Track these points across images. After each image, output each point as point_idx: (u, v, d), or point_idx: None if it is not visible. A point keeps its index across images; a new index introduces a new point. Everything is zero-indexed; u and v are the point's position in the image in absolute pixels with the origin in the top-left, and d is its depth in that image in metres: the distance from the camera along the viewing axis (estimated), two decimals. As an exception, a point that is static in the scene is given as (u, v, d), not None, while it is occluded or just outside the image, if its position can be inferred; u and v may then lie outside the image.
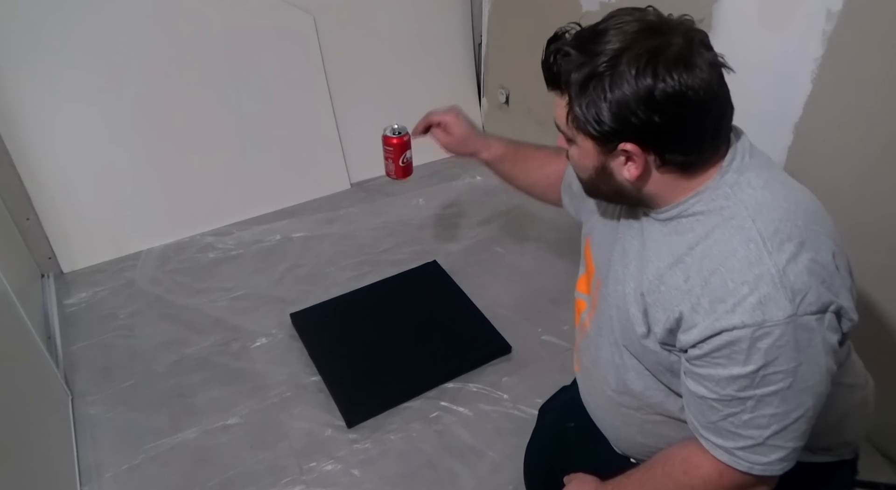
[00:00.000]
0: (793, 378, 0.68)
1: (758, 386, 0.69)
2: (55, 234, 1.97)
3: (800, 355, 0.68)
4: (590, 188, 0.83)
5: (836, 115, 1.25)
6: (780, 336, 0.67)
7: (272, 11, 2.02)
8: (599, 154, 0.75)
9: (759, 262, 0.68)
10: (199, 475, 1.42)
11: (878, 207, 1.23)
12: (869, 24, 1.14)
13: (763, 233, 0.69)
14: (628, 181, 0.75)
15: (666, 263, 0.76)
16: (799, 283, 0.67)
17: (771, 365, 0.68)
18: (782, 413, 0.70)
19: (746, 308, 0.67)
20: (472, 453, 1.46)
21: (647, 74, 0.67)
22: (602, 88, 0.69)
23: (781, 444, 0.72)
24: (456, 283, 1.89)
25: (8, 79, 1.75)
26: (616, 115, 0.69)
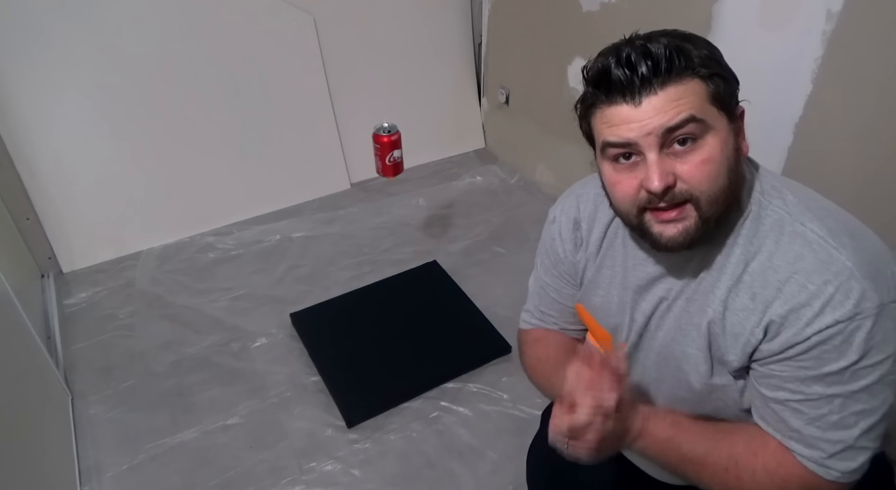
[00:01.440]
0: (882, 371, 0.66)
1: (847, 381, 0.66)
2: (55, 234, 1.97)
3: (887, 346, 0.66)
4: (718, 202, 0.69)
5: (836, 115, 1.25)
6: (871, 327, 0.64)
7: (272, 11, 2.02)
8: (732, 129, 0.70)
9: (831, 260, 0.66)
10: (199, 475, 1.42)
11: (878, 207, 1.23)
12: (869, 24, 1.14)
13: (819, 232, 0.68)
14: (743, 157, 0.72)
15: (725, 287, 0.72)
16: (874, 271, 0.66)
17: (863, 358, 0.65)
18: (870, 409, 0.68)
19: (836, 305, 0.65)
20: (472, 453, 1.46)
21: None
22: (709, 50, 0.69)
23: (867, 444, 0.69)
24: (456, 283, 1.89)
25: (8, 78, 1.75)
26: (727, 67, 0.69)
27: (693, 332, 0.76)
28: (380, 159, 1.43)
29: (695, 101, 0.66)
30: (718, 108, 0.68)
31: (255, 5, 1.99)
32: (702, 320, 0.74)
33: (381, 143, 1.42)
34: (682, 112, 0.66)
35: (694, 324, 0.76)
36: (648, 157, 0.68)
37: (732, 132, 0.69)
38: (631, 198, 0.71)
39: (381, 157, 1.43)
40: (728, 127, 0.69)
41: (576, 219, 0.90)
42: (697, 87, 0.67)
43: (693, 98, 0.66)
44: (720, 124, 0.68)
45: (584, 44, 1.87)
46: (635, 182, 0.70)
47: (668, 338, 0.79)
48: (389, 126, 1.43)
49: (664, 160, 0.68)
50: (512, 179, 2.40)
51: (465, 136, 2.58)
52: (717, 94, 0.67)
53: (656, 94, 0.66)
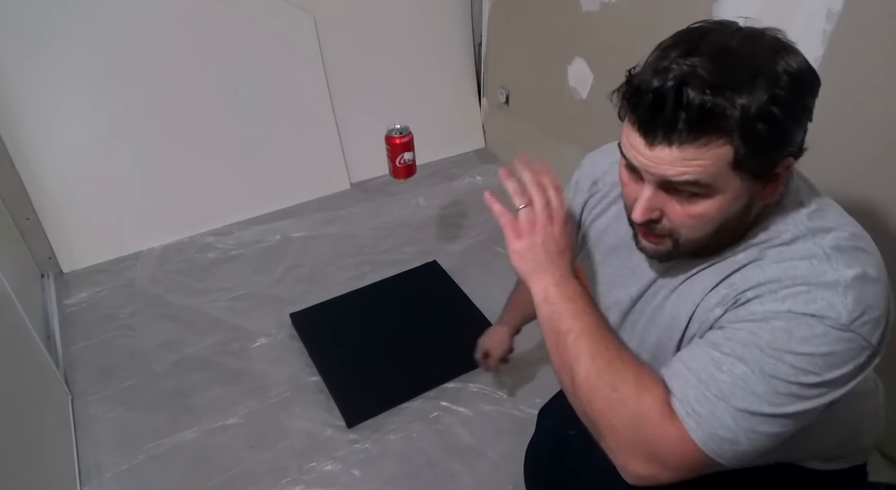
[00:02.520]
0: (799, 382, 0.62)
1: (763, 356, 0.62)
2: (55, 234, 1.97)
3: (825, 368, 0.61)
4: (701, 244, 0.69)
5: (836, 115, 1.25)
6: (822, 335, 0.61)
7: (272, 11, 2.02)
8: (754, 184, 0.64)
9: (824, 275, 0.63)
10: (199, 475, 1.42)
11: (878, 207, 1.23)
12: (869, 24, 1.14)
13: (825, 249, 0.65)
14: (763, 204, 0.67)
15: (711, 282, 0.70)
16: (864, 300, 0.62)
17: (793, 353, 0.61)
18: (760, 399, 0.62)
19: (798, 300, 0.62)
20: (472, 453, 1.46)
21: (793, 57, 0.61)
22: (782, 103, 0.59)
23: (739, 430, 0.63)
24: (456, 283, 1.89)
25: (8, 79, 1.75)
26: (792, 124, 0.61)
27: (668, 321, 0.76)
28: (391, 161, 1.44)
29: (709, 167, 0.61)
30: (741, 173, 0.62)
31: (254, 5, 1.99)
32: (680, 311, 0.74)
33: (392, 145, 1.43)
34: (688, 174, 0.62)
35: (672, 314, 0.75)
36: (644, 189, 0.67)
37: (751, 189, 0.64)
38: (628, 202, 0.72)
39: (392, 158, 1.44)
40: (747, 186, 0.64)
41: (596, 179, 0.90)
42: (721, 153, 0.60)
43: (708, 163, 0.61)
44: (733, 186, 0.63)
45: (584, 44, 1.87)
46: (633, 194, 0.69)
47: (646, 325, 0.79)
48: (402, 128, 1.44)
49: (658, 195, 0.66)
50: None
51: (465, 136, 2.58)
52: (744, 161, 0.61)
53: (669, 148, 0.61)
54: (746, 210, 0.67)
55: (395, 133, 1.43)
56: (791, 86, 0.60)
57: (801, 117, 0.63)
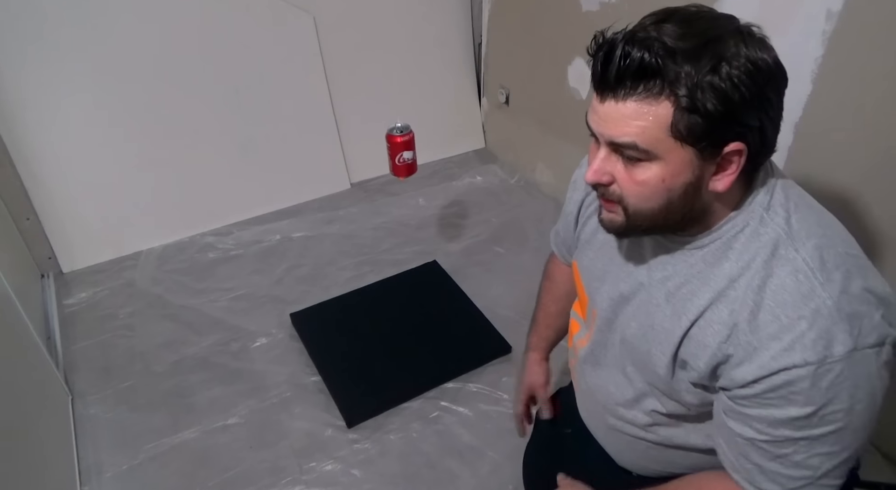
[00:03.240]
0: (850, 417, 0.64)
1: (815, 426, 0.64)
2: (55, 234, 1.97)
3: (858, 392, 0.63)
4: (651, 219, 0.69)
5: (836, 115, 1.25)
6: (840, 372, 0.62)
7: (272, 11, 2.02)
8: (700, 163, 0.64)
9: (813, 295, 0.63)
10: (199, 475, 1.42)
11: (878, 207, 1.23)
12: (869, 24, 1.14)
13: (810, 263, 0.64)
14: (713, 195, 0.67)
15: (706, 300, 0.70)
16: (855, 314, 0.63)
17: (831, 404, 0.63)
18: (836, 452, 0.66)
19: (807, 344, 0.62)
20: (472, 453, 1.46)
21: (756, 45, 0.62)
22: (724, 73, 0.59)
23: (831, 482, 0.68)
24: (456, 283, 1.89)
25: (8, 79, 1.75)
26: (738, 100, 0.60)
27: (662, 334, 0.74)
28: (391, 159, 1.46)
29: (649, 128, 0.62)
30: (682, 141, 0.62)
31: (255, 5, 1.99)
32: (675, 326, 0.72)
33: (392, 143, 1.45)
34: (628, 135, 0.63)
35: (666, 327, 0.74)
36: (599, 151, 0.68)
37: (696, 167, 0.64)
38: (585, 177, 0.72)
39: (392, 156, 1.46)
40: (690, 161, 0.63)
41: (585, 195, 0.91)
42: (662, 113, 0.61)
43: (650, 123, 0.61)
44: (675, 157, 0.63)
45: (584, 44, 1.86)
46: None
47: (640, 332, 0.78)
48: (402, 126, 1.46)
49: (610, 159, 0.67)
50: (512, 179, 2.40)
51: (465, 136, 2.58)
52: (683, 129, 0.61)
53: (616, 103, 0.62)
54: (694, 191, 0.66)
55: (395, 131, 1.44)
56: (747, 68, 0.60)
57: (755, 104, 0.62)
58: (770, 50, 0.64)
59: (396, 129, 1.44)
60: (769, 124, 0.65)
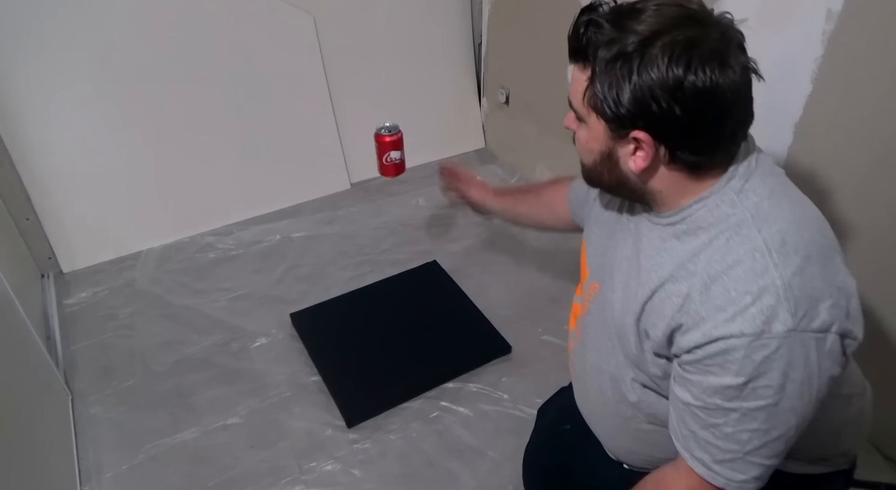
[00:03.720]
0: (781, 395, 0.67)
1: (745, 398, 0.67)
2: (55, 234, 1.97)
3: (792, 372, 0.66)
4: (592, 175, 0.79)
5: (836, 115, 1.25)
6: (776, 349, 0.65)
7: (272, 11, 2.02)
8: (609, 138, 0.72)
9: (765, 273, 0.66)
10: (199, 475, 1.42)
11: (878, 207, 1.23)
12: (869, 24, 1.14)
13: (769, 243, 0.67)
14: (633, 173, 0.73)
15: (667, 272, 0.73)
16: (803, 297, 0.65)
17: (761, 378, 0.66)
18: (765, 429, 0.69)
19: (747, 317, 0.65)
20: (472, 453, 1.46)
21: (680, 64, 0.64)
22: (629, 69, 0.65)
23: (759, 461, 0.71)
24: (456, 283, 1.89)
25: (8, 79, 1.75)
26: (637, 99, 0.66)
27: (630, 302, 0.78)
28: (378, 158, 1.46)
29: (576, 92, 0.72)
30: (594, 111, 0.71)
31: (255, 5, 1.99)
32: (638, 296, 0.77)
33: (379, 143, 1.45)
34: (569, 92, 0.74)
35: (635, 298, 0.78)
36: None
37: (608, 139, 0.72)
38: None
39: (380, 155, 1.46)
40: (602, 132, 0.72)
41: None
42: (583, 82, 0.71)
43: (576, 89, 0.72)
44: (592, 123, 0.72)
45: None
46: None
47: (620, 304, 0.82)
48: (390, 126, 1.45)
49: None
50: (512, 179, 2.40)
51: (465, 136, 2.58)
52: (591, 100, 0.70)
53: (573, 66, 0.73)
54: (610, 163, 0.74)
55: (383, 131, 1.45)
56: (674, 78, 0.64)
57: (672, 110, 0.65)
58: (705, 69, 0.64)
59: (385, 128, 1.45)
60: (686, 134, 0.68)
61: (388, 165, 1.46)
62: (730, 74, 0.65)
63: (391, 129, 1.44)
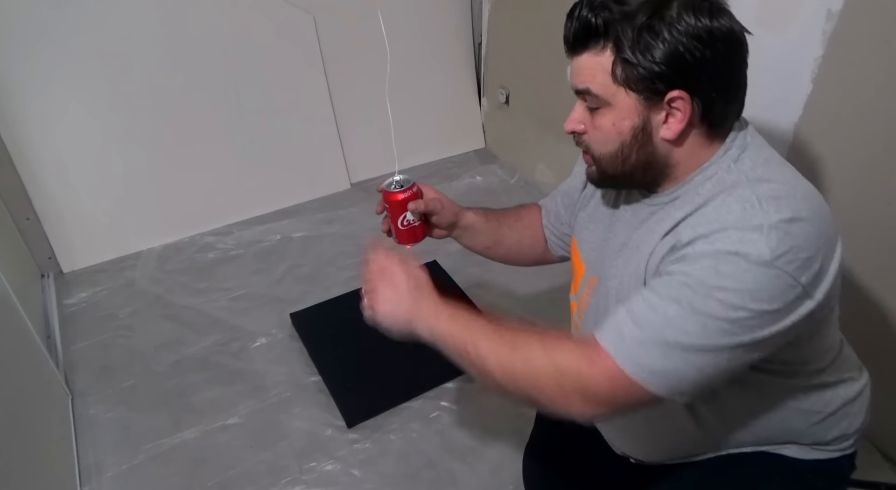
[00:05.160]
0: (728, 317, 0.64)
1: (694, 296, 0.66)
2: (55, 234, 1.97)
3: (750, 301, 0.64)
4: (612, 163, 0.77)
5: (836, 114, 1.25)
6: (745, 270, 0.64)
7: (272, 11, 2.02)
8: (644, 109, 0.72)
9: (753, 218, 0.66)
10: (199, 475, 1.42)
11: (878, 207, 1.23)
12: (869, 24, 1.14)
13: (762, 198, 0.68)
14: (665, 142, 0.74)
15: (665, 229, 0.75)
16: (788, 240, 0.65)
17: (720, 289, 0.65)
18: (695, 336, 0.65)
19: (725, 241, 0.66)
20: (472, 453, 1.46)
21: (704, 14, 0.69)
22: (657, 31, 0.68)
23: (670, 364, 0.66)
24: (456, 283, 1.89)
25: (8, 79, 1.75)
26: (673, 56, 0.68)
27: (633, 279, 0.79)
28: (392, 221, 1.07)
29: (597, 75, 0.72)
30: (626, 87, 0.71)
31: (255, 5, 1.99)
32: (641, 264, 0.78)
33: (390, 203, 1.04)
34: (583, 82, 0.74)
35: (636, 272, 0.79)
36: (576, 105, 0.78)
37: (641, 112, 0.72)
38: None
39: (393, 219, 1.06)
40: (635, 107, 0.72)
41: None
42: (605, 63, 0.71)
43: (597, 71, 0.72)
44: (621, 102, 0.73)
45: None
46: None
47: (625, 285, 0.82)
48: (402, 180, 1.04)
49: (581, 110, 0.78)
50: (512, 179, 2.40)
51: (465, 136, 2.58)
52: (624, 76, 0.71)
53: (577, 56, 0.75)
54: (643, 137, 0.74)
55: (394, 187, 1.03)
56: (696, 27, 0.68)
57: (704, 59, 0.69)
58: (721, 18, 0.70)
59: (395, 183, 1.03)
60: (718, 80, 0.71)
61: (405, 230, 1.06)
62: (737, 21, 0.72)
63: (403, 184, 1.04)
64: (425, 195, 1.08)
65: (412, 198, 1.05)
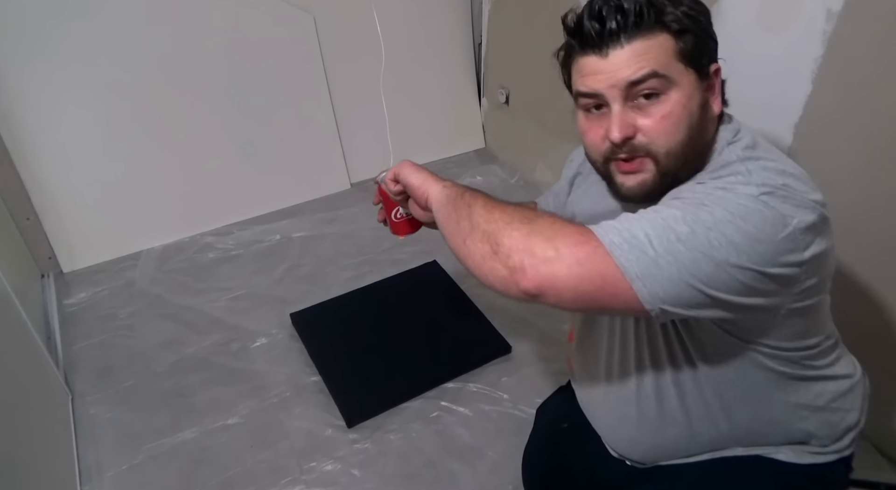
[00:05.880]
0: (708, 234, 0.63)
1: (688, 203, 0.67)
2: (55, 234, 1.97)
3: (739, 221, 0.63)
4: (679, 156, 0.72)
5: (836, 115, 1.25)
6: (735, 196, 0.66)
7: (272, 11, 2.02)
8: (701, 85, 0.73)
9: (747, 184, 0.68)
10: (199, 475, 1.42)
11: (878, 207, 1.23)
12: (869, 24, 1.14)
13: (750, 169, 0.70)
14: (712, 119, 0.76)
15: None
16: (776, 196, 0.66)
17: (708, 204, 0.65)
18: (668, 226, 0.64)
19: (714, 182, 0.70)
20: (472, 453, 1.46)
21: None
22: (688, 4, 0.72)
23: (642, 232, 0.64)
24: (456, 283, 1.89)
25: (8, 79, 1.75)
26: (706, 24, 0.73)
27: None
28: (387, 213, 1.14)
29: (660, 56, 0.70)
30: (686, 64, 0.71)
31: (255, 5, 1.99)
32: None
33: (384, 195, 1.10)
34: (646, 67, 0.70)
35: None
36: (613, 109, 0.72)
37: (700, 89, 0.73)
38: (598, 147, 0.76)
39: (387, 210, 1.13)
40: (695, 83, 0.72)
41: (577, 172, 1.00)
42: (665, 43, 0.70)
43: (658, 53, 0.70)
44: (685, 80, 0.71)
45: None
46: (602, 131, 0.74)
47: None
48: None
49: (627, 112, 0.72)
50: (512, 179, 2.40)
51: (465, 136, 2.58)
52: (685, 51, 0.71)
53: (622, 48, 0.70)
54: (704, 115, 0.74)
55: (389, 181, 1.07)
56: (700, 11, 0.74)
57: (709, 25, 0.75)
58: None
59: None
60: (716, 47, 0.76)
61: (400, 222, 1.14)
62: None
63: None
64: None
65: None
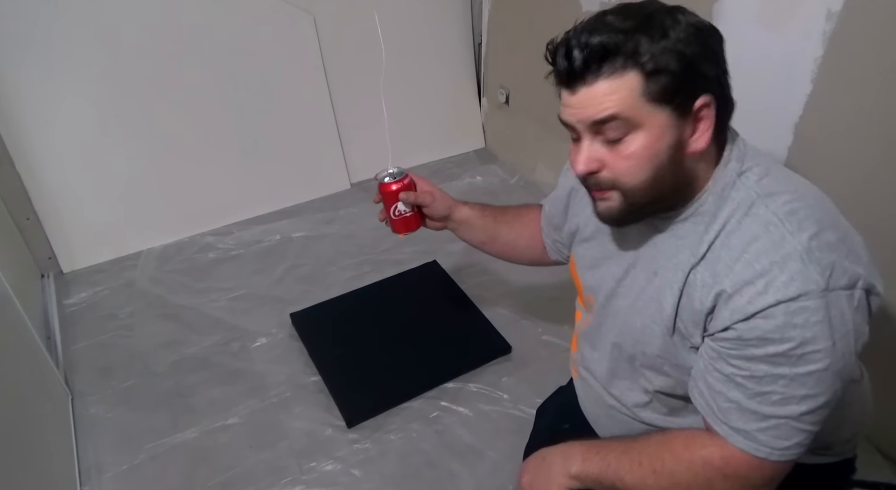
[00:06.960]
0: (830, 359, 0.66)
1: (795, 364, 0.67)
2: (55, 234, 1.97)
3: (834, 333, 0.66)
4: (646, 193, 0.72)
5: (836, 115, 1.25)
6: (814, 311, 0.65)
7: (272, 11, 2.02)
8: (676, 123, 0.69)
9: (783, 243, 0.67)
10: (199, 475, 1.42)
11: (878, 207, 1.23)
12: (869, 24, 1.14)
13: (780, 215, 0.69)
14: (692, 156, 0.71)
15: (689, 265, 0.74)
16: (825, 258, 0.66)
17: (809, 343, 0.66)
18: (815, 395, 0.68)
19: (779, 286, 0.66)
20: (472, 453, 1.46)
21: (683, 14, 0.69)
22: (668, 35, 0.66)
23: (805, 427, 0.70)
24: (456, 283, 1.89)
25: (8, 79, 1.75)
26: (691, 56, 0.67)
27: (654, 308, 0.78)
28: (386, 211, 1.16)
29: (626, 98, 0.67)
30: (657, 103, 0.68)
31: (255, 5, 1.99)
32: (666, 299, 0.76)
33: (384, 193, 1.13)
34: (609, 108, 0.68)
35: (658, 301, 0.77)
36: (582, 143, 0.73)
37: (676, 126, 0.69)
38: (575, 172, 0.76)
39: (387, 208, 1.15)
40: (668, 122, 0.69)
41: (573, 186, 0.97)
42: (633, 83, 0.67)
43: (625, 94, 0.67)
44: (654, 121, 0.68)
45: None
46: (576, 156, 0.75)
47: (632, 310, 0.82)
48: (395, 171, 1.13)
49: (594, 146, 0.72)
50: (512, 179, 2.40)
51: (465, 136, 2.58)
52: (655, 91, 0.67)
53: (588, 86, 0.69)
54: (677, 155, 0.71)
55: (387, 178, 1.12)
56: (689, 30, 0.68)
57: (706, 56, 0.69)
58: (696, 15, 0.71)
59: (388, 174, 1.13)
60: (723, 75, 0.71)
61: (398, 220, 1.15)
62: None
63: (396, 176, 1.13)
64: (418, 188, 1.12)
65: (403, 189, 1.12)
